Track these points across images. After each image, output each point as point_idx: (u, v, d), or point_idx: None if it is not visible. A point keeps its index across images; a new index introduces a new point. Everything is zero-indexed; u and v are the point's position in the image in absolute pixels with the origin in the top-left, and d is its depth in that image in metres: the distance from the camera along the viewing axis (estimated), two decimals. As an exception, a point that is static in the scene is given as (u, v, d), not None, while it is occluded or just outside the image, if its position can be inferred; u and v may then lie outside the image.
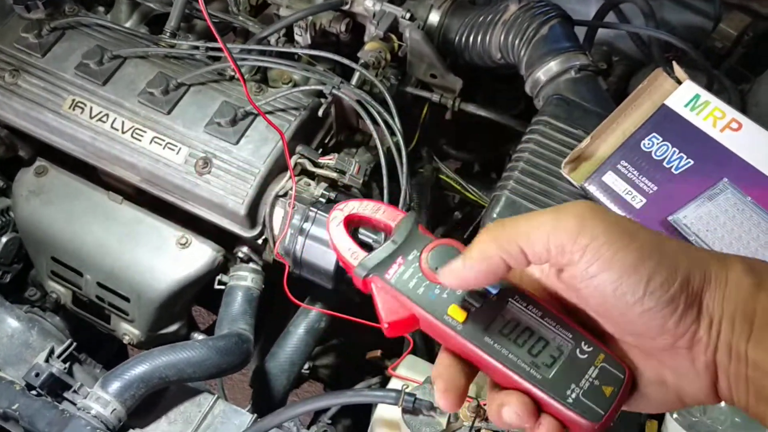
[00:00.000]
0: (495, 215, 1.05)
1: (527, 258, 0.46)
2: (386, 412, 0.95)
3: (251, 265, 1.21)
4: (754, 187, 0.93)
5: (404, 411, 0.90)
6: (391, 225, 0.54)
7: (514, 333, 0.49)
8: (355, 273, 0.52)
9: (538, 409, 0.48)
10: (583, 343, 0.49)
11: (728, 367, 0.45)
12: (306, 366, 1.40)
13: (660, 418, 0.96)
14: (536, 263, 0.47)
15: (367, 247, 0.53)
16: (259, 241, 1.16)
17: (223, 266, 1.22)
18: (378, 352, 1.26)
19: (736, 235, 0.92)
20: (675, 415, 0.94)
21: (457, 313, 0.50)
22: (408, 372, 1.01)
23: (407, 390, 0.91)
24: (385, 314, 0.51)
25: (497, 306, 0.50)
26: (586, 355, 0.49)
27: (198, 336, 1.29)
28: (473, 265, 0.47)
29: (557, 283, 0.50)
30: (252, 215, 1.13)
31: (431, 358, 1.28)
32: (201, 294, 1.25)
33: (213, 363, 1.03)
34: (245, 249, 1.20)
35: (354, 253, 0.53)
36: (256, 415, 1.02)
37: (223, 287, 1.20)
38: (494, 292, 0.50)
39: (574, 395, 0.48)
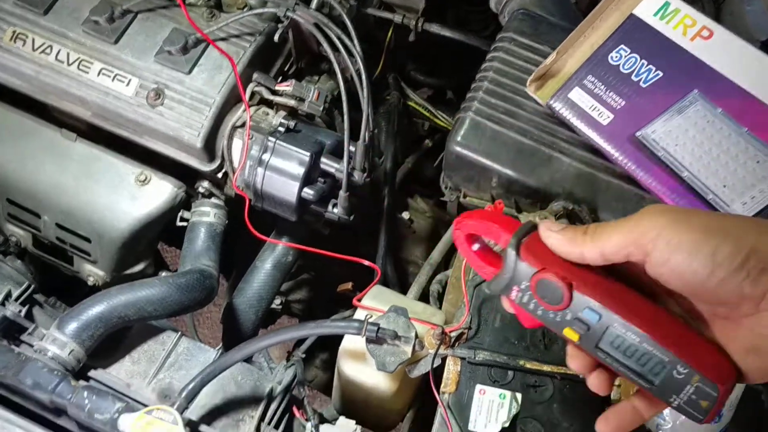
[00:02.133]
0: (459, 138, 1.01)
1: (605, 258, 0.56)
2: (352, 343, 0.93)
3: (213, 200, 1.17)
4: (724, 98, 0.89)
5: (368, 341, 0.88)
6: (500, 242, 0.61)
7: (620, 350, 0.57)
8: (490, 292, 0.62)
9: (612, 384, 0.61)
10: (678, 366, 0.55)
11: None
12: (278, 301, 1.38)
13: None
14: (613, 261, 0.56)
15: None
16: (219, 175, 1.12)
17: (185, 202, 1.18)
18: (349, 285, 1.24)
19: (706, 149, 0.89)
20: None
21: (571, 334, 0.58)
22: (374, 302, 0.99)
23: (371, 320, 0.89)
24: (523, 322, 0.62)
25: (600, 331, 0.57)
26: (682, 376, 0.55)
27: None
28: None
29: (648, 278, 0.56)
30: (209, 148, 1.09)
31: (403, 290, 1.26)
32: (168, 233, 1.22)
33: (174, 300, 1.00)
34: (206, 184, 1.16)
35: (484, 270, 0.64)
36: (220, 350, 1.00)
37: (185, 224, 1.16)
38: (594, 321, 0.57)
39: (676, 403, 0.56)
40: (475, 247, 0.65)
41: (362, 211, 1.30)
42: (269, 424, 0.95)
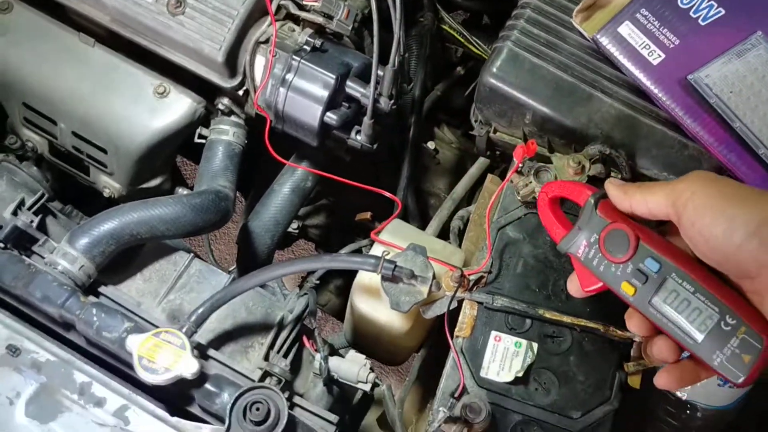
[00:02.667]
0: (495, 69, 0.95)
1: (650, 212, 0.62)
2: (367, 278, 0.90)
3: (233, 118, 1.12)
4: (790, 43, 0.81)
5: (384, 278, 0.85)
6: (580, 201, 0.68)
7: (672, 305, 0.61)
8: (559, 249, 0.68)
9: (680, 350, 0.62)
10: (727, 316, 0.59)
11: None
12: (295, 225, 1.36)
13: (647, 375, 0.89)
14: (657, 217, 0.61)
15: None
16: (240, 93, 1.07)
17: (204, 119, 1.14)
18: (368, 214, 1.21)
19: (764, 98, 0.82)
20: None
21: (628, 289, 0.63)
22: (392, 237, 0.95)
23: (388, 256, 0.86)
24: (582, 283, 0.67)
25: (658, 282, 0.62)
26: (729, 327, 0.58)
27: (183, 191, 1.23)
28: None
29: (684, 242, 0.61)
30: (231, 63, 1.03)
31: (423, 223, 1.23)
32: (189, 147, 1.18)
33: (188, 221, 0.97)
34: (226, 100, 1.11)
35: (557, 231, 0.70)
36: (232, 275, 0.98)
37: (203, 141, 1.13)
38: (654, 271, 0.62)
39: (718, 360, 0.59)
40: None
41: (386, 140, 1.25)
42: (278, 352, 0.94)
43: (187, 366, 0.83)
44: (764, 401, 0.99)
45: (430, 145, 1.32)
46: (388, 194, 1.06)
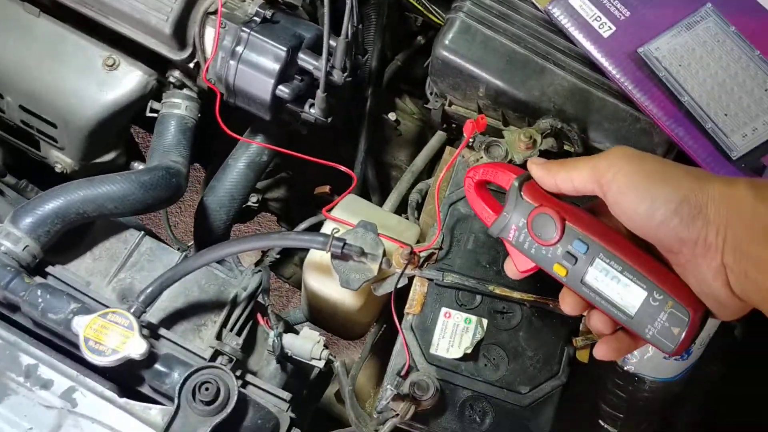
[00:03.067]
0: (447, 41, 0.93)
1: (576, 189, 0.62)
2: (319, 255, 0.89)
3: (185, 91, 1.10)
4: (739, 14, 0.80)
5: (333, 257, 0.85)
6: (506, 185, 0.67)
7: (602, 284, 0.62)
8: (490, 234, 0.68)
9: (615, 323, 0.63)
10: (655, 292, 0.60)
11: (735, 267, 0.53)
12: (254, 199, 1.34)
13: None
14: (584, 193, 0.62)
15: None
16: (191, 65, 1.05)
17: (156, 92, 1.11)
18: (327, 188, 1.19)
19: (712, 71, 0.81)
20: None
21: (560, 270, 0.64)
22: (345, 213, 0.94)
23: (338, 234, 0.85)
24: (517, 265, 0.67)
25: (587, 263, 0.62)
26: (657, 303, 0.60)
27: (139, 166, 1.21)
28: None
29: (611, 219, 0.61)
30: (179, 35, 1.00)
31: (383, 196, 1.22)
32: (144, 120, 1.16)
33: (137, 198, 0.95)
34: (177, 73, 1.08)
35: (487, 215, 0.69)
36: (184, 254, 0.96)
37: (155, 115, 1.10)
38: (582, 252, 0.63)
39: (650, 334, 0.61)
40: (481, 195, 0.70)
41: (342, 113, 1.23)
42: (231, 330, 0.93)
43: (135, 347, 0.83)
44: (712, 372, 1.01)
45: (391, 116, 1.30)
46: (343, 168, 1.04)
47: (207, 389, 0.82)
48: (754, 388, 1.07)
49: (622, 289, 0.61)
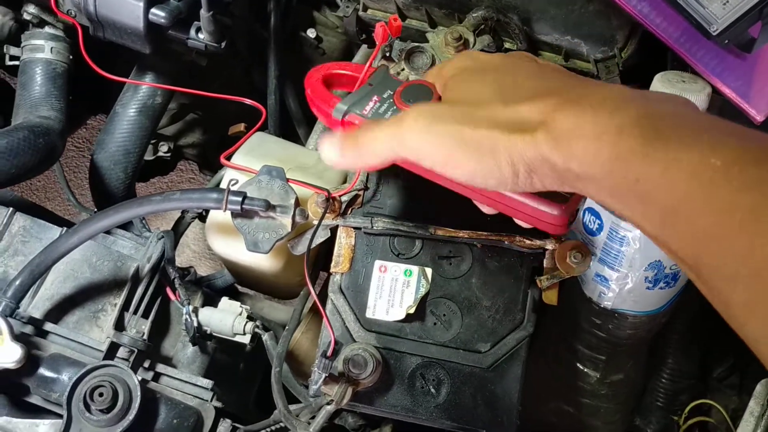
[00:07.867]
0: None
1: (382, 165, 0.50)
2: (220, 215, 0.72)
3: (47, 29, 0.90)
4: None
5: (234, 215, 0.68)
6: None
7: None
8: (333, 115, 0.54)
9: None
10: None
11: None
12: (165, 148, 1.17)
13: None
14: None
15: None
16: (49, -3, 0.85)
17: (15, 35, 0.92)
18: (241, 126, 1.01)
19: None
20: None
21: None
22: (251, 157, 0.78)
23: (236, 186, 0.68)
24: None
25: None
26: None
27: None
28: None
29: None
30: (21, -43, 0.81)
31: (311, 125, 1.05)
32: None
33: (-5, 170, 0.78)
34: (32, 8, 0.89)
35: (334, 101, 0.56)
36: (64, 228, 0.80)
37: (16, 63, 0.91)
38: None
39: None
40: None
41: (245, 34, 1.04)
42: (135, 313, 0.78)
43: (6, 354, 0.67)
44: (696, 299, 0.88)
45: (311, 33, 1.11)
46: (248, 101, 0.87)
47: (101, 395, 0.68)
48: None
49: None
